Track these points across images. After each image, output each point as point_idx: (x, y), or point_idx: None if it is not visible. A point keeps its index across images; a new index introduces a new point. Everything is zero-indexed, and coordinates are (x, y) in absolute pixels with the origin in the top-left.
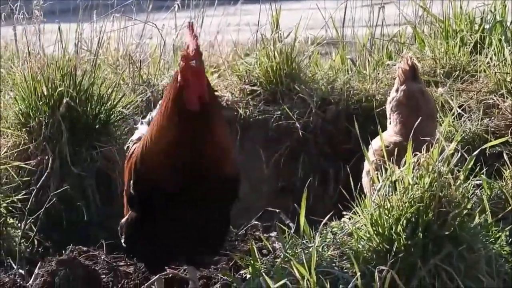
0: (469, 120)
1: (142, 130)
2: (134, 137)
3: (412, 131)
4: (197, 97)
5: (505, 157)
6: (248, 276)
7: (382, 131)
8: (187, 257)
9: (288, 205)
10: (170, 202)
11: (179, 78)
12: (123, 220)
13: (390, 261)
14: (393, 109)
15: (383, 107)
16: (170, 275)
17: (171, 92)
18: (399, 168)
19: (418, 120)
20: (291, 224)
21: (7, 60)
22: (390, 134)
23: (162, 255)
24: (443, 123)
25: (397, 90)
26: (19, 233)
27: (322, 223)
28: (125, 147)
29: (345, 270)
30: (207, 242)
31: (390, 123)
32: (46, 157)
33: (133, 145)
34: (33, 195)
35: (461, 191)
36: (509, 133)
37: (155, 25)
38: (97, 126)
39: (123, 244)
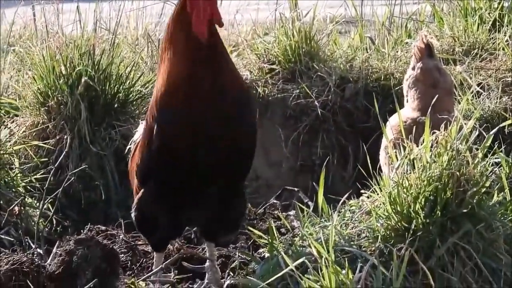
0: (487, 98)
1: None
2: (136, 137)
3: (430, 107)
4: (208, 23)
5: None
6: (267, 255)
7: (400, 109)
8: (205, 231)
9: (307, 184)
10: (190, 157)
11: (187, 4)
12: (136, 198)
13: (409, 239)
14: (410, 86)
15: (402, 85)
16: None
17: (177, 22)
18: (417, 144)
19: (436, 96)
20: (309, 203)
21: (25, 39)
22: (408, 110)
23: (175, 230)
24: (461, 101)
25: (413, 68)
26: (37, 213)
27: (341, 202)
28: (127, 149)
29: (364, 249)
30: (226, 214)
31: (407, 101)
32: (65, 136)
33: (135, 145)
34: (51, 174)
35: (480, 169)
36: None
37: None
38: (115, 105)
39: (133, 219)
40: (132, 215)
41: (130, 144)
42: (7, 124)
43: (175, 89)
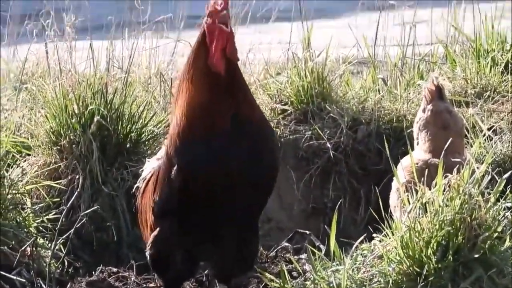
0: (500, 141)
1: (152, 165)
2: (144, 174)
3: (440, 149)
4: (225, 55)
5: None
6: None
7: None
8: (219, 271)
9: (319, 226)
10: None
11: (206, 36)
12: (152, 235)
13: (420, 284)
14: (421, 128)
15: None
16: None
17: (196, 53)
18: (429, 186)
19: (447, 138)
20: (321, 246)
21: (38, 77)
22: (419, 152)
23: (191, 268)
24: (473, 144)
25: (424, 110)
26: (49, 254)
27: (354, 246)
28: (135, 187)
29: None
30: (241, 251)
31: (417, 144)
32: (77, 176)
33: (143, 182)
34: (63, 214)
35: (492, 214)
36: None
37: (189, 43)
38: (128, 145)
39: (148, 258)
40: (147, 253)
41: (139, 183)
42: (19, 163)
43: (194, 122)
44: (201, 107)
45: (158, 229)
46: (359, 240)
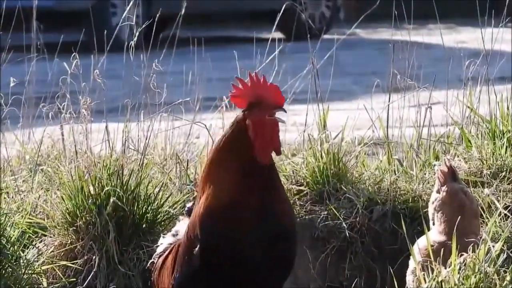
0: None
1: (168, 240)
2: (159, 249)
3: (456, 230)
4: (271, 151)
5: None
6: None
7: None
8: None
9: None
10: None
11: (249, 129)
12: None
13: None
14: (436, 209)
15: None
16: None
17: (233, 144)
18: (444, 267)
19: (462, 219)
20: None
21: (53, 159)
22: (435, 233)
23: None
24: (489, 223)
25: (438, 191)
26: None
27: None
28: (149, 262)
29: None
30: None
31: (433, 224)
32: (93, 256)
33: (158, 258)
34: None
35: None
36: None
37: (205, 125)
38: (144, 226)
39: None
40: None
41: (153, 258)
42: (35, 244)
43: (221, 212)
44: (231, 200)
45: None
46: None
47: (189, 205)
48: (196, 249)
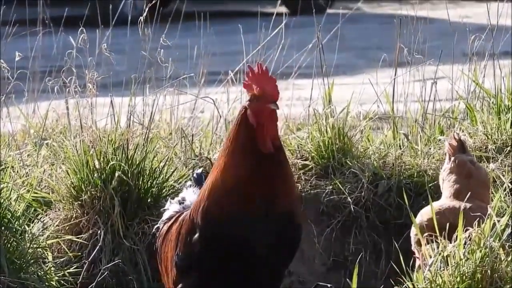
0: None
1: (174, 208)
2: (165, 216)
3: (462, 196)
4: (271, 140)
5: None
6: None
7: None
8: None
9: (340, 280)
10: (240, 249)
11: (251, 118)
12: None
13: None
14: (444, 178)
15: (435, 182)
16: None
17: (240, 133)
18: (449, 232)
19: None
20: None
21: (59, 133)
22: (442, 200)
23: None
24: (494, 198)
25: (448, 163)
26: None
27: None
28: (155, 228)
29: None
30: None
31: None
32: (98, 230)
33: (163, 225)
34: (84, 269)
35: None
36: None
37: (212, 99)
38: (149, 200)
39: None
40: None
41: (159, 224)
42: (41, 218)
43: (229, 191)
44: (238, 185)
45: (180, 285)
46: None
47: (198, 171)
48: (196, 235)
